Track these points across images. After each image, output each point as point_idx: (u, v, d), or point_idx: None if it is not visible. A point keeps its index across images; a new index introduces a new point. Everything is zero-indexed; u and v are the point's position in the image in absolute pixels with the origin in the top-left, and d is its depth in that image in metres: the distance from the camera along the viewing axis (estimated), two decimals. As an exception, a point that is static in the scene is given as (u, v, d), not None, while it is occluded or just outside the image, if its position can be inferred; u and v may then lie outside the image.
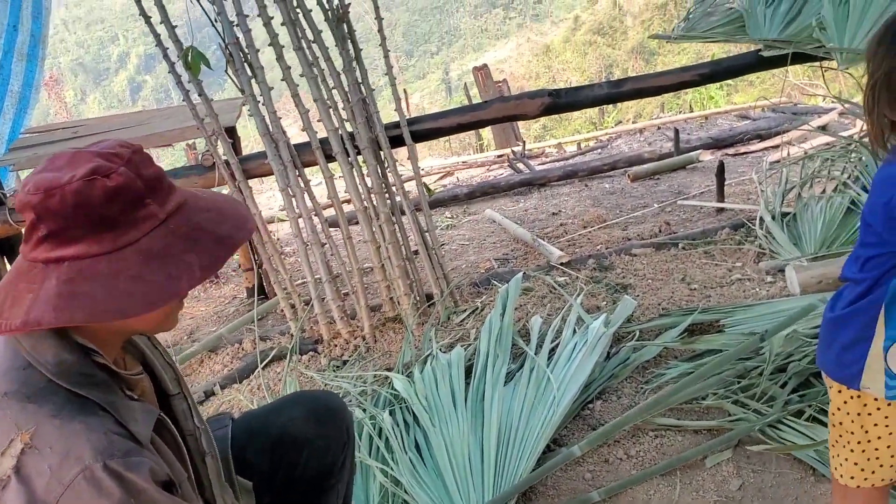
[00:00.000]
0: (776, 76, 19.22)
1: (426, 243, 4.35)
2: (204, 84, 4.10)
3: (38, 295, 1.18)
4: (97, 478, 1.14)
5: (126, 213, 1.22)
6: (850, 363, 1.68)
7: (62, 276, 1.19)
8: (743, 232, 4.85)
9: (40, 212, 1.19)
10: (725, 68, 4.68)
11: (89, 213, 1.19)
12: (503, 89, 14.49)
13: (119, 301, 1.18)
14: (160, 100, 70.61)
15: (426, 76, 68.86)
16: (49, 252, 1.20)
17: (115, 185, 1.20)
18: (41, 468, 1.14)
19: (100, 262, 1.20)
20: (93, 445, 1.17)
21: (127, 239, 1.22)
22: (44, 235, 1.20)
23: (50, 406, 1.20)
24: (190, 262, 1.24)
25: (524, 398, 2.93)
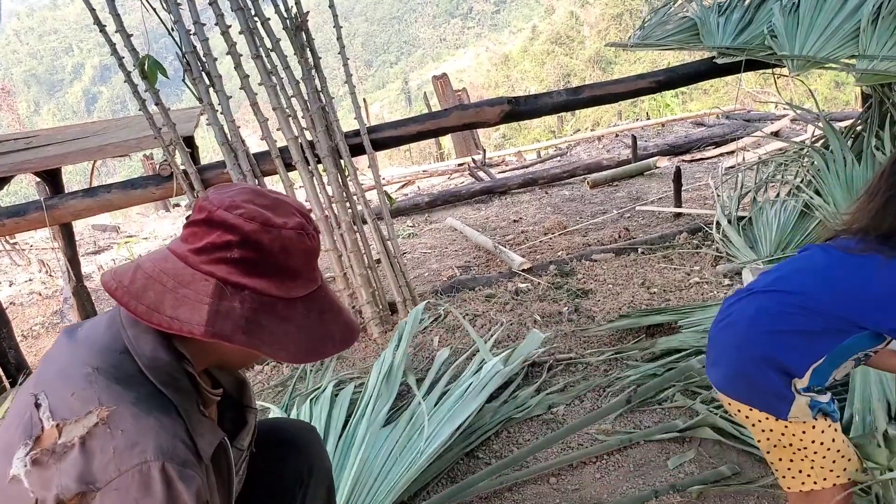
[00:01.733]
0: (730, 84, 19.61)
1: (388, 252, 4.35)
2: (161, 94, 4.05)
3: (218, 310, 1.26)
4: (151, 475, 1.18)
5: (306, 271, 1.35)
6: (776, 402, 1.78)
7: (247, 303, 1.28)
8: (700, 236, 4.92)
9: (248, 239, 1.27)
10: (680, 75, 4.76)
11: (287, 260, 1.31)
12: (463, 98, 14.56)
13: (288, 343, 1.31)
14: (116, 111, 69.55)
15: (386, 86, 68.87)
16: (231, 275, 1.28)
17: (312, 245, 1.35)
18: (106, 447, 1.18)
19: (276, 303, 1.31)
20: (159, 444, 1.21)
21: (298, 292, 1.34)
22: (234, 258, 1.28)
23: (134, 394, 1.24)
24: (333, 331, 1.37)
25: (395, 443, 2.80)
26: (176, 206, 13.00)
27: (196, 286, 1.27)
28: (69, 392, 1.24)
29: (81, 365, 1.27)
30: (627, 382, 3.15)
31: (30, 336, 5.94)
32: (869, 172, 4.06)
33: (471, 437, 2.96)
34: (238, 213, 1.28)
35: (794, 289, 1.80)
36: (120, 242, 9.22)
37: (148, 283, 1.29)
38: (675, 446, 2.73)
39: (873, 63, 3.84)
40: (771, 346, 1.78)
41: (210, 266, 1.28)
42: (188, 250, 1.30)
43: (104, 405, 1.21)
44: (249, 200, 1.31)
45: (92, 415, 1.20)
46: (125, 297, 1.28)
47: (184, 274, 1.29)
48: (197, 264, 1.28)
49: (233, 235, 1.27)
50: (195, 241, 1.30)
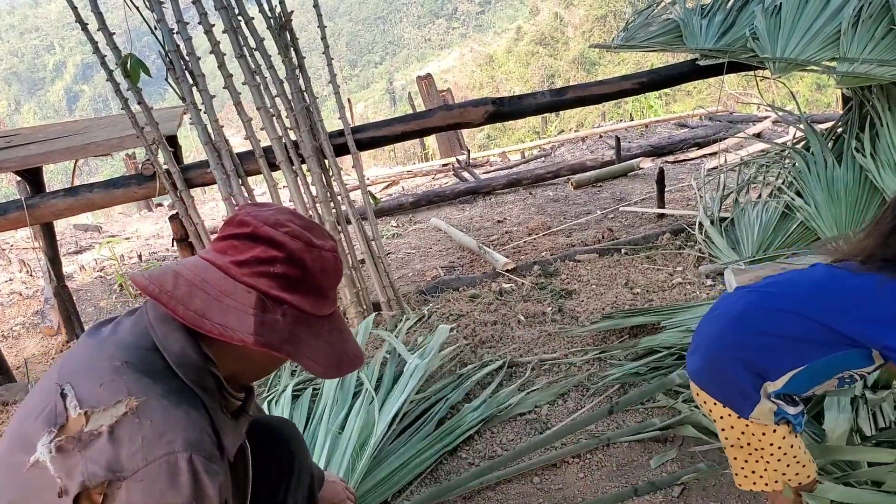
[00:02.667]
0: (713, 86, 19.73)
1: (372, 252, 4.34)
2: (144, 93, 4.03)
3: (263, 321, 1.32)
4: (178, 466, 1.20)
5: (333, 291, 1.45)
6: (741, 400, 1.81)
7: (287, 316, 1.35)
8: (683, 237, 4.95)
9: (292, 256, 1.35)
10: (664, 77, 4.78)
11: (322, 280, 1.39)
12: (447, 98, 14.55)
13: (320, 358, 1.39)
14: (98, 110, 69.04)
15: (370, 86, 68.78)
16: (272, 288, 1.34)
17: (341, 268, 1.45)
18: (135, 437, 1.20)
19: (309, 318, 1.38)
20: (187, 436, 1.23)
21: (325, 311, 1.42)
22: (277, 273, 1.34)
23: (163, 386, 1.28)
24: (349, 350, 1.45)
25: (347, 443, 2.78)
26: (158, 206, 12.92)
27: (239, 297, 1.33)
28: (97, 383, 1.26)
29: (109, 359, 1.30)
30: (610, 381, 3.16)
31: (10, 336, 5.89)
32: (849, 174, 4.10)
33: (449, 436, 2.96)
34: (284, 231, 1.35)
35: (790, 293, 1.82)
36: (102, 242, 9.14)
37: (192, 290, 1.33)
38: (658, 445, 2.75)
39: (854, 66, 3.88)
40: (750, 345, 1.80)
41: (252, 279, 1.33)
42: (230, 262, 1.35)
43: (133, 396, 1.24)
44: (291, 220, 1.38)
45: (121, 404, 1.23)
46: (171, 301, 1.31)
47: (226, 284, 1.34)
48: (239, 276, 1.34)
49: (278, 251, 1.34)
50: (237, 253, 1.35)
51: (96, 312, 6.11)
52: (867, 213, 3.91)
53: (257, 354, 1.40)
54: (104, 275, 7.43)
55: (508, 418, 3.10)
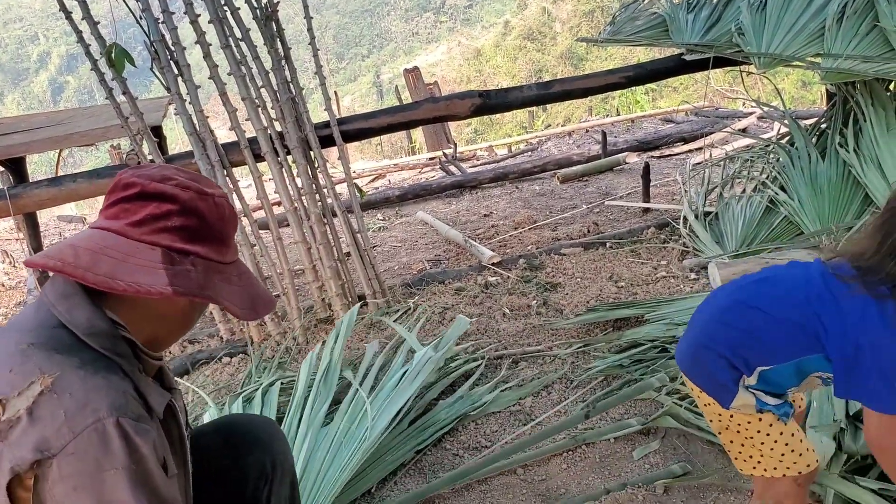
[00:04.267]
0: (699, 82, 19.81)
1: (358, 244, 4.34)
2: (130, 84, 4.01)
3: (175, 272, 1.31)
4: (108, 432, 1.18)
5: (232, 237, 1.44)
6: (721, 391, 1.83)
7: (197, 265, 1.34)
8: (668, 231, 4.98)
9: (186, 207, 1.33)
10: (650, 71, 4.80)
11: (222, 226, 1.39)
12: (434, 92, 14.54)
13: (237, 301, 1.39)
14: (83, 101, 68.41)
15: (357, 79, 68.56)
16: (175, 242, 1.33)
17: (232, 210, 1.43)
18: (56, 412, 1.17)
19: (217, 266, 1.39)
20: (111, 401, 1.21)
21: (229, 258, 1.43)
22: (176, 226, 1.33)
23: (77, 359, 1.25)
24: (260, 293, 1.46)
25: (334, 438, 2.77)
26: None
27: (143, 255, 1.30)
28: (6, 370, 1.23)
29: (16, 343, 1.27)
30: (594, 374, 3.18)
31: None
32: (832, 169, 4.13)
33: (431, 427, 2.97)
34: (173, 184, 1.33)
35: (771, 292, 1.83)
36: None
37: (95, 257, 1.29)
38: (641, 437, 2.76)
39: (838, 62, 3.91)
40: (727, 340, 1.82)
41: (152, 236, 1.31)
42: (125, 224, 1.32)
43: (46, 373, 1.21)
44: (177, 173, 1.37)
45: (35, 384, 1.20)
46: (77, 270, 1.27)
47: (127, 247, 1.30)
48: (138, 236, 1.31)
49: (172, 205, 1.32)
50: (130, 215, 1.32)
51: (80, 304, 6.07)
52: (850, 207, 3.94)
53: (171, 309, 1.39)
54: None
55: (493, 411, 3.11)
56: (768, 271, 1.90)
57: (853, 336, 1.65)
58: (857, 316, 1.65)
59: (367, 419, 2.80)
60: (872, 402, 1.65)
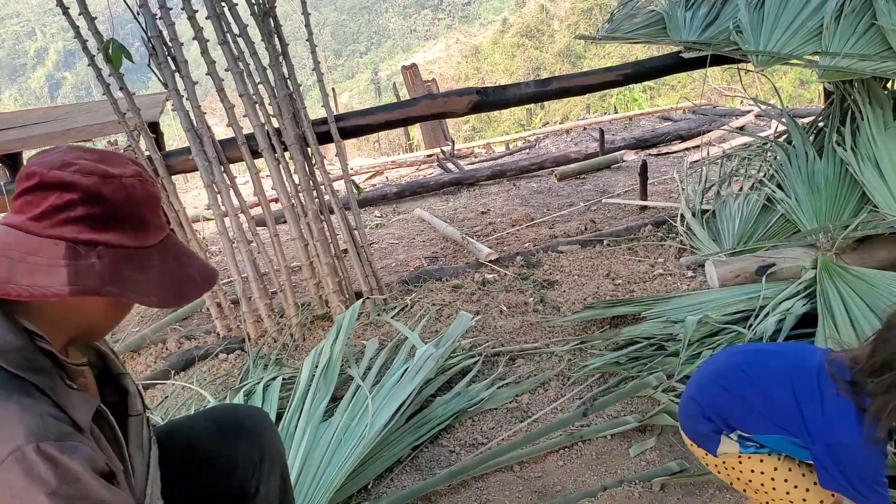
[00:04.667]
0: (696, 80, 19.81)
1: (355, 241, 4.34)
2: (127, 81, 4.00)
3: (77, 269, 1.21)
4: (29, 460, 1.11)
5: (153, 218, 1.33)
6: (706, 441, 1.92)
7: (104, 257, 1.24)
8: (665, 229, 4.98)
9: (88, 194, 1.23)
10: (648, 69, 4.80)
11: (133, 209, 1.28)
12: (432, 89, 14.53)
13: (155, 289, 1.29)
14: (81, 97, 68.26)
15: (355, 76, 68.50)
16: (80, 233, 1.23)
17: (153, 191, 1.33)
18: None
19: (132, 253, 1.28)
20: (26, 427, 1.14)
21: (151, 241, 1.32)
22: (80, 216, 1.23)
23: None
24: (192, 274, 1.37)
25: (333, 433, 2.76)
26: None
27: (46, 252, 1.22)
28: None
29: None
30: (591, 371, 3.18)
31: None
32: (829, 167, 4.13)
33: (427, 424, 2.98)
34: (73, 171, 1.24)
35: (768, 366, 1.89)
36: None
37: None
38: (638, 434, 2.77)
39: (835, 60, 3.91)
40: (714, 398, 1.91)
41: (55, 229, 1.23)
42: (27, 219, 1.24)
43: None
44: (79, 157, 1.27)
45: None
46: None
47: (29, 243, 1.23)
48: (41, 231, 1.23)
49: (73, 193, 1.23)
50: (32, 208, 1.24)
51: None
52: (847, 205, 3.94)
53: (88, 307, 1.32)
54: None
55: (490, 408, 3.11)
56: (776, 346, 1.96)
57: (827, 435, 1.71)
58: (837, 419, 1.70)
59: (367, 416, 2.80)
60: (854, 500, 1.72)
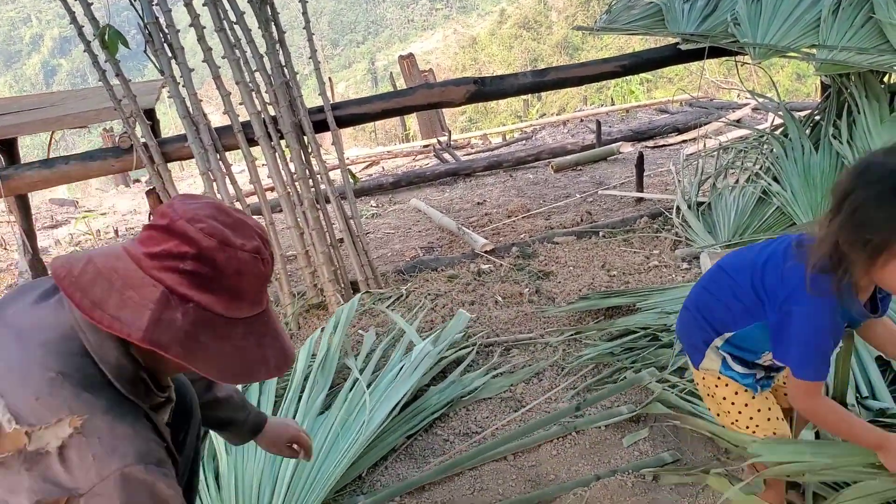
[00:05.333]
0: (694, 73, 19.80)
1: (351, 230, 4.34)
2: (123, 68, 3.98)
3: (160, 319, 1.26)
4: (133, 479, 1.22)
5: (254, 294, 1.37)
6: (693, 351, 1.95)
7: (189, 316, 1.28)
8: (660, 221, 4.99)
9: (203, 254, 1.28)
10: (645, 60, 4.80)
11: (238, 281, 1.33)
12: (429, 79, 14.47)
13: (221, 364, 1.33)
14: (76, 84, 67.87)
15: (352, 65, 68.25)
16: (180, 286, 1.28)
17: (265, 270, 1.37)
18: (85, 455, 1.21)
19: (217, 320, 1.32)
20: (137, 449, 1.25)
21: (242, 313, 1.36)
22: (186, 270, 1.28)
23: (104, 402, 1.27)
24: (268, 357, 1.39)
25: (331, 427, 2.76)
26: (136, 182, 12.79)
27: (143, 290, 1.28)
28: (32, 396, 1.24)
29: (41, 368, 1.27)
30: (585, 361, 3.19)
31: (-17, 310, 5.82)
32: (825, 160, 4.14)
33: (421, 413, 2.98)
34: (199, 227, 1.29)
35: (743, 258, 1.88)
36: (78, 217, 9.06)
37: (97, 278, 1.29)
38: (631, 425, 2.78)
39: (832, 53, 3.91)
40: (701, 302, 1.92)
41: (161, 273, 1.28)
42: (143, 253, 1.30)
43: (75, 413, 1.23)
44: (212, 216, 1.32)
45: (63, 423, 1.22)
46: (71, 287, 1.27)
47: (134, 276, 1.29)
48: (148, 268, 1.29)
49: (189, 247, 1.28)
50: (151, 245, 1.30)
51: (71, 287, 6.04)
52: (842, 199, 3.95)
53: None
54: (80, 249, 7.35)
55: (484, 398, 3.12)
56: (760, 243, 1.92)
57: (786, 302, 1.69)
58: (793, 284, 1.68)
59: (365, 412, 2.81)
60: (792, 368, 1.70)
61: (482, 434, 2.85)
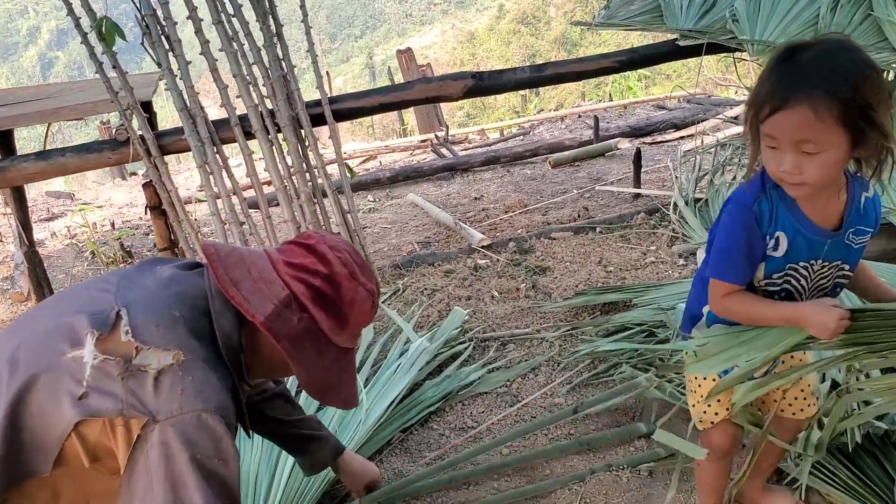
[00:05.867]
0: (692, 70, 19.79)
1: (348, 225, 4.33)
2: (121, 61, 3.96)
3: (280, 313, 1.50)
4: (208, 423, 1.34)
5: (355, 327, 1.62)
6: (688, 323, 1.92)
7: (303, 322, 1.52)
8: (658, 217, 4.99)
9: (333, 277, 1.55)
10: (643, 56, 4.79)
11: (347, 311, 1.57)
12: (427, 74, 14.46)
13: (312, 374, 1.55)
14: (73, 77, 67.73)
15: (350, 60, 68.16)
16: (303, 296, 1.53)
17: (372, 312, 1.65)
18: (175, 387, 1.35)
19: (321, 336, 1.56)
20: (220, 401, 1.39)
21: (341, 342, 1.60)
22: (314, 285, 1.54)
23: (206, 352, 1.45)
24: (340, 392, 1.63)
25: (329, 423, 2.76)
26: (133, 175, 12.77)
27: (273, 287, 1.51)
28: (153, 321, 1.42)
29: (169, 306, 1.47)
30: (581, 356, 3.19)
31: (-22, 302, 5.81)
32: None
33: (415, 409, 2.98)
34: (337, 255, 1.56)
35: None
36: (74, 210, 9.03)
37: (239, 262, 1.53)
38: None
39: (831, 50, 3.90)
40: (702, 271, 1.84)
41: (292, 280, 1.53)
42: (282, 260, 1.56)
43: (182, 350, 1.39)
44: (351, 253, 1.61)
45: (169, 353, 1.37)
46: (216, 262, 1.51)
47: (269, 274, 1.53)
48: (283, 273, 1.54)
49: (324, 267, 1.54)
50: (291, 256, 1.56)
51: (67, 279, 6.04)
52: (839, 196, 3.95)
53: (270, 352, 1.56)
54: (76, 242, 7.34)
55: (480, 393, 3.12)
56: None
57: (718, 217, 1.70)
58: (728, 199, 1.68)
59: (361, 410, 2.81)
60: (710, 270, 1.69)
61: (478, 429, 2.85)
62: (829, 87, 1.39)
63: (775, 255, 1.62)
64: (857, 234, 1.64)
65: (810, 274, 1.65)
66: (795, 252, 1.61)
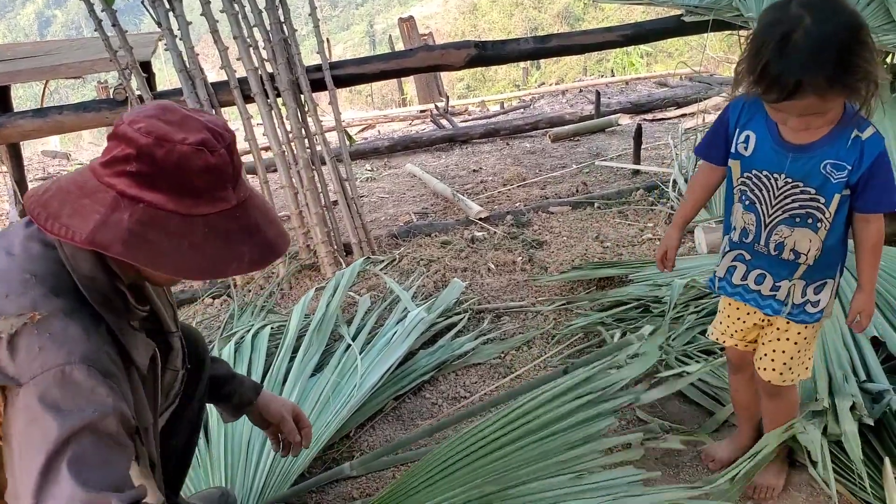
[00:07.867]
0: (694, 49, 19.66)
1: (345, 192, 4.31)
2: (120, 21, 3.92)
3: (106, 221, 1.29)
4: (73, 376, 1.26)
5: (210, 189, 1.35)
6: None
7: (136, 216, 1.30)
8: (656, 194, 4.98)
9: (142, 152, 1.30)
10: (648, 30, 4.75)
11: (183, 176, 1.32)
12: (428, 42, 14.34)
13: (178, 261, 1.32)
14: (71, 36, 66.94)
15: (350, 28, 67.49)
16: (129, 188, 1.31)
17: (214, 162, 1.34)
18: (32, 346, 1.26)
19: (172, 218, 1.32)
20: (84, 351, 1.29)
21: (201, 210, 1.34)
22: (132, 171, 1.31)
23: (68, 304, 1.33)
24: (242, 252, 1.38)
25: (322, 389, 2.77)
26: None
27: (97, 196, 1.32)
28: (3, 293, 1.31)
29: (19, 270, 1.35)
30: (575, 329, 3.20)
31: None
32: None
33: (408, 377, 3.00)
34: (137, 128, 1.31)
35: None
36: (70, 169, 8.97)
37: (57, 193, 1.35)
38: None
39: (837, 30, 3.87)
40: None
41: (112, 178, 1.32)
42: (98, 163, 1.35)
43: (37, 310, 1.29)
44: (154, 116, 1.34)
45: (23, 316, 1.28)
46: (33, 205, 1.34)
47: (90, 185, 1.34)
48: (102, 176, 1.33)
49: (130, 149, 1.31)
50: (105, 154, 1.35)
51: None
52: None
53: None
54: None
55: (474, 364, 3.13)
56: None
57: None
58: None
59: (356, 376, 2.81)
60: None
61: (470, 398, 2.87)
62: (830, 72, 1.53)
63: (745, 154, 1.84)
64: (836, 168, 1.72)
65: (772, 186, 1.80)
66: (760, 156, 1.81)
